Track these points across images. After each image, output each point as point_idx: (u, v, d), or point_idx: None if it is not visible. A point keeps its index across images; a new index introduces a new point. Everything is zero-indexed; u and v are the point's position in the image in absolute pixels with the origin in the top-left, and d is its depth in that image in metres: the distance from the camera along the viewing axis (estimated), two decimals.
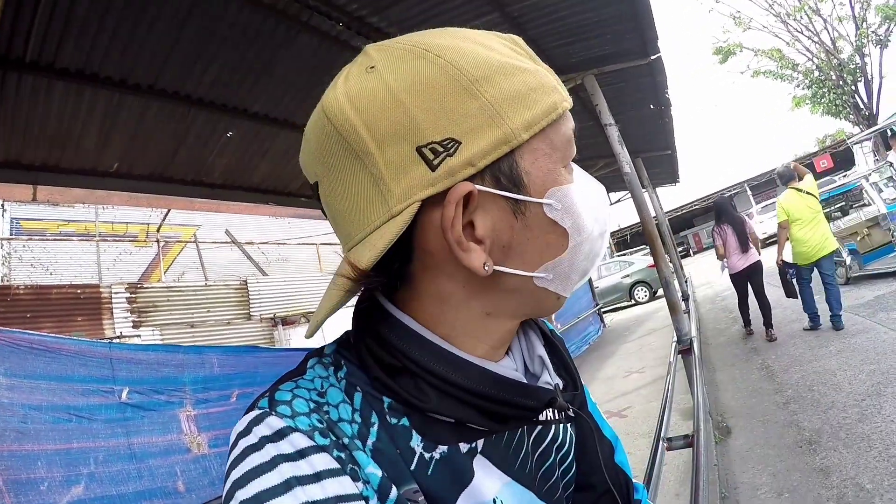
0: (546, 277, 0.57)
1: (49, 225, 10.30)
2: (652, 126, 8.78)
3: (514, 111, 0.51)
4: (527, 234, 0.55)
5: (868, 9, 13.55)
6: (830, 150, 37.67)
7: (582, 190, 0.59)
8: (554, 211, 0.55)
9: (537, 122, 0.53)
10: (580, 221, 0.57)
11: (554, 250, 0.57)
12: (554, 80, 0.58)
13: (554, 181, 0.56)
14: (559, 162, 0.56)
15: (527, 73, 0.55)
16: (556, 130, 0.56)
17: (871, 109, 14.12)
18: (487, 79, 0.51)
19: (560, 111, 0.56)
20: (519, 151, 0.53)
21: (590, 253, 0.60)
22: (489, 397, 0.56)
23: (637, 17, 4.42)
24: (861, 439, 3.59)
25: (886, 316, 5.89)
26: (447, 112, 0.50)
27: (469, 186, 0.51)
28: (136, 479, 2.97)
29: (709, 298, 13.81)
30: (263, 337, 10.87)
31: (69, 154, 3.94)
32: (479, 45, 0.54)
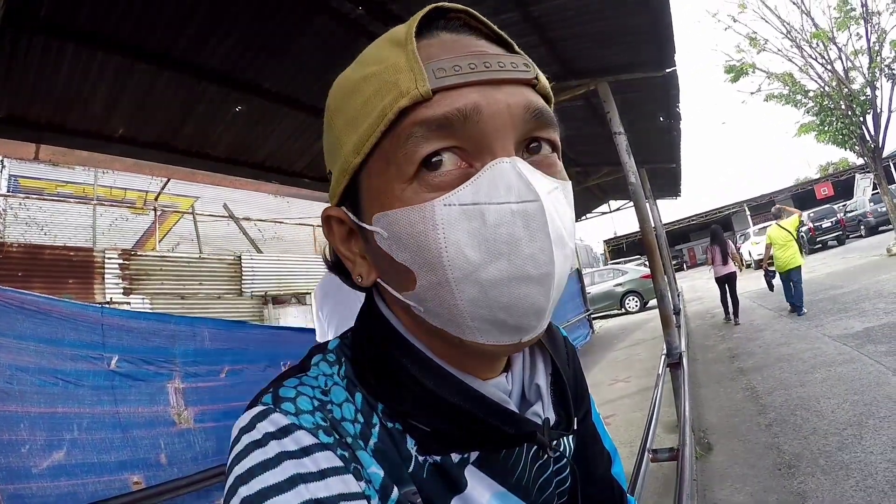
0: (418, 307, 0.53)
1: (47, 185, 10.25)
2: (659, 138, 8.79)
3: (348, 136, 0.53)
4: (378, 259, 0.55)
5: (884, 42, 13.56)
6: (832, 179, 37.96)
7: (451, 212, 0.47)
8: (382, 240, 0.51)
9: (365, 140, 0.51)
10: (429, 256, 0.48)
11: (404, 283, 0.52)
12: (402, 69, 0.49)
13: (381, 205, 0.51)
14: (395, 178, 0.49)
15: (369, 83, 0.51)
16: (392, 139, 0.49)
17: (877, 142, 14.15)
18: (339, 108, 0.55)
19: (391, 116, 0.48)
20: (360, 175, 0.53)
21: (487, 301, 0.48)
22: (462, 411, 0.54)
23: (657, 29, 4.41)
24: (840, 467, 3.61)
25: (874, 348, 5.91)
26: (327, 147, 0.59)
27: (329, 210, 0.59)
28: (119, 448, 2.94)
29: (699, 314, 13.87)
30: (253, 314, 10.88)
31: (75, 115, 3.90)
32: (356, 65, 0.56)
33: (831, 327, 7.61)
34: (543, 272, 0.49)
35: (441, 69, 0.48)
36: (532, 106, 0.52)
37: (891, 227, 15.70)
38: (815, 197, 35.83)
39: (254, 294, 11.01)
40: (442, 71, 0.48)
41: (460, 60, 0.49)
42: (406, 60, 0.49)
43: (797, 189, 40.14)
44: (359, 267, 0.59)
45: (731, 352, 8.23)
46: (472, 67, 0.49)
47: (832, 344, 6.72)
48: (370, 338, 0.59)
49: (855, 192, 25.10)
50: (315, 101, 4.51)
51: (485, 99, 0.49)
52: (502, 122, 0.49)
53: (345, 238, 0.59)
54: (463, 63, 0.49)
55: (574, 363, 0.76)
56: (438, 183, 0.48)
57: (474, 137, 0.49)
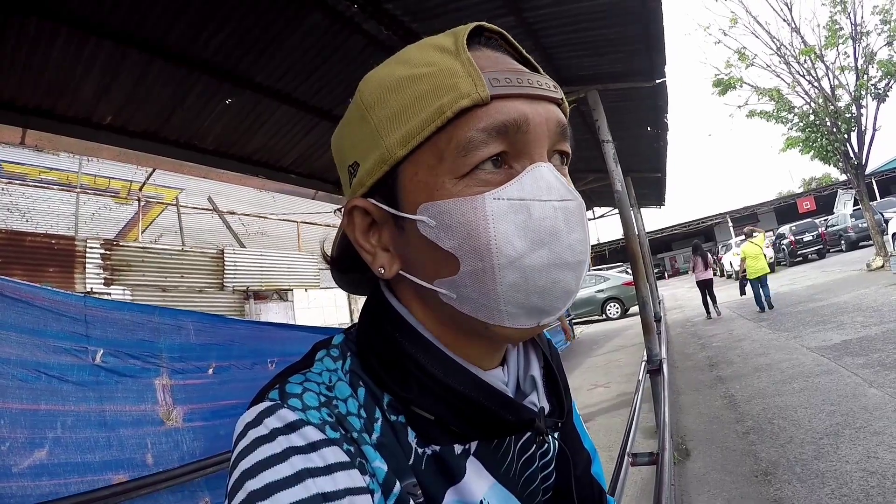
0: (449, 295, 0.55)
1: (31, 171, 10.08)
2: (646, 147, 8.87)
3: (392, 129, 0.55)
4: (412, 249, 0.57)
5: (871, 62, 13.77)
6: (815, 193, 38.48)
7: (500, 205, 0.52)
8: (427, 228, 0.54)
9: (415, 133, 0.53)
10: (478, 243, 0.52)
11: (445, 269, 0.55)
12: (461, 75, 0.53)
13: (430, 195, 0.54)
14: (448, 173, 0.53)
15: (421, 81, 0.54)
16: (446, 137, 0.53)
17: (860, 159, 14.36)
18: (379, 101, 0.56)
19: (448, 114, 0.52)
20: (401, 167, 0.56)
21: (526, 286, 0.53)
22: (466, 398, 0.56)
23: (648, 39, 4.46)
24: (815, 476, 3.66)
25: (851, 361, 6.00)
26: (354, 140, 0.59)
27: (357, 201, 0.59)
28: (104, 447, 2.87)
29: (679, 322, 13.99)
30: (234, 309, 10.79)
31: (64, 102, 3.86)
32: (398, 64, 0.58)
33: (810, 339, 7.72)
34: (579, 259, 0.56)
35: (496, 79, 0.53)
36: (562, 122, 0.58)
37: (871, 242, 15.94)
38: (797, 210, 36.29)
39: (235, 288, 10.93)
40: (497, 80, 0.53)
41: (510, 74, 0.54)
42: (462, 66, 0.53)
43: (780, 202, 40.64)
44: (380, 259, 0.60)
45: (711, 360, 8.32)
46: (519, 81, 0.54)
47: (810, 355, 6.81)
48: (378, 328, 0.60)
49: (836, 207, 25.45)
50: (306, 98, 4.50)
51: (531, 111, 0.54)
52: (542, 132, 0.55)
53: (365, 230, 0.61)
54: (512, 76, 0.54)
55: (557, 359, 0.78)
56: (487, 179, 0.53)
57: (519, 143, 0.54)
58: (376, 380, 0.58)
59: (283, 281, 12.14)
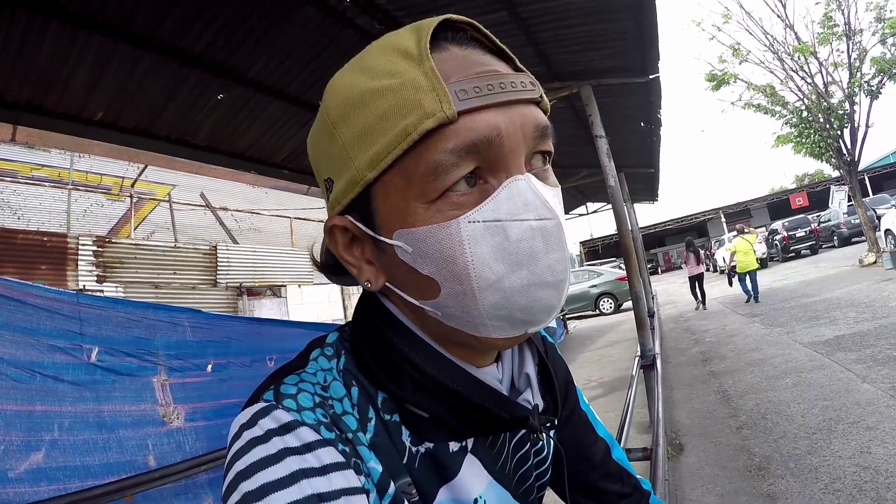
0: (436, 313, 0.55)
1: (22, 167, 10.00)
2: (639, 143, 8.87)
3: (360, 149, 0.52)
4: (395, 269, 0.56)
5: (864, 59, 13.82)
6: (808, 189, 38.64)
7: (474, 229, 0.50)
8: (405, 254, 0.53)
9: (382, 156, 0.50)
10: (456, 268, 0.50)
11: (427, 292, 0.54)
12: (425, 90, 0.49)
13: (402, 221, 0.52)
14: (417, 197, 0.51)
15: (384, 97, 0.51)
16: (414, 159, 0.50)
17: (853, 156, 14.42)
18: (344, 118, 0.54)
19: (414, 136, 0.49)
20: (373, 189, 0.54)
21: (507, 305, 0.52)
22: (460, 396, 0.56)
23: (642, 34, 4.45)
24: (809, 471, 3.67)
25: (844, 356, 6.03)
26: (325, 155, 0.58)
27: (336, 220, 0.58)
28: (103, 449, 2.80)
29: (672, 318, 14.03)
30: (228, 305, 10.77)
31: (54, 97, 3.83)
32: (359, 72, 0.55)
33: (802, 334, 7.75)
34: (559, 279, 0.54)
35: (463, 90, 0.49)
36: (540, 124, 0.54)
37: (863, 238, 16.02)
38: (789, 206, 36.44)
39: (229, 285, 10.90)
40: (464, 93, 0.49)
41: (479, 81, 0.50)
42: (426, 79, 0.50)
43: (773, 198, 40.79)
44: (366, 273, 0.59)
45: (704, 355, 8.34)
46: (489, 89, 0.50)
47: (803, 350, 6.84)
48: (372, 327, 0.60)
49: (830, 203, 25.54)
50: (298, 93, 4.48)
51: (504, 121, 0.51)
52: (517, 141, 0.52)
53: (348, 245, 0.59)
54: (481, 84, 0.50)
55: (553, 356, 0.77)
56: (461, 202, 0.50)
57: (493, 157, 0.51)
58: (371, 378, 0.58)
59: (277, 277, 12.11)
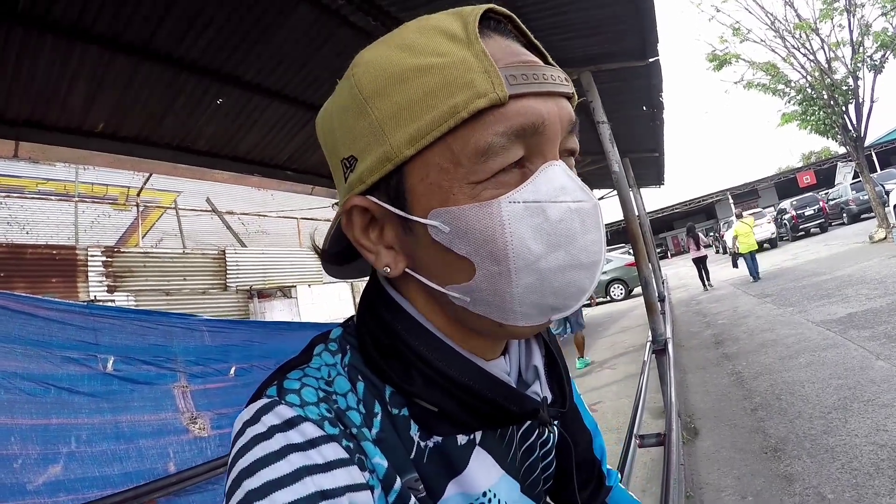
0: (462, 299, 0.54)
1: (28, 182, 10.08)
2: (642, 127, 8.82)
3: (399, 125, 0.51)
4: (422, 252, 0.55)
5: (867, 34, 13.67)
6: (815, 167, 38.36)
7: (516, 209, 0.50)
8: (440, 234, 0.51)
9: (425, 133, 0.49)
10: (494, 248, 0.50)
11: (458, 275, 0.53)
12: (476, 70, 0.49)
13: (442, 200, 0.51)
14: (463, 177, 0.50)
15: (431, 75, 0.50)
16: (461, 139, 0.49)
17: (858, 132, 14.28)
18: (381, 93, 0.52)
19: (464, 115, 0.48)
20: (408, 167, 0.52)
21: (542, 288, 0.52)
22: (471, 390, 0.55)
23: (640, 18, 4.42)
24: (825, 450, 3.65)
25: (857, 334, 5.99)
26: (350, 131, 0.55)
27: (357, 200, 0.56)
28: (123, 459, 2.80)
29: (683, 301, 13.99)
30: (238, 309, 10.82)
31: (54, 111, 3.85)
32: (398, 49, 0.53)
33: (815, 313, 7.70)
34: (594, 260, 0.54)
35: (513, 76, 0.50)
36: (573, 119, 0.55)
37: (872, 214, 15.90)
38: (797, 185, 36.20)
39: (239, 288, 10.95)
40: (513, 78, 0.49)
41: (525, 69, 0.51)
42: (477, 60, 0.49)
43: (780, 177, 40.53)
44: (384, 257, 0.57)
45: (716, 338, 8.32)
46: (535, 78, 0.51)
47: (816, 329, 6.80)
48: (379, 321, 0.59)
49: (837, 179, 25.35)
50: (297, 93, 4.48)
51: (547, 110, 0.51)
52: (555, 131, 0.53)
53: (364, 228, 0.58)
54: (528, 73, 0.51)
55: (556, 346, 0.77)
56: (503, 181, 0.51)
57: (534, 144, 0.51)
58: (378, 373, 0.57)
59: (286, 278, 12.15)
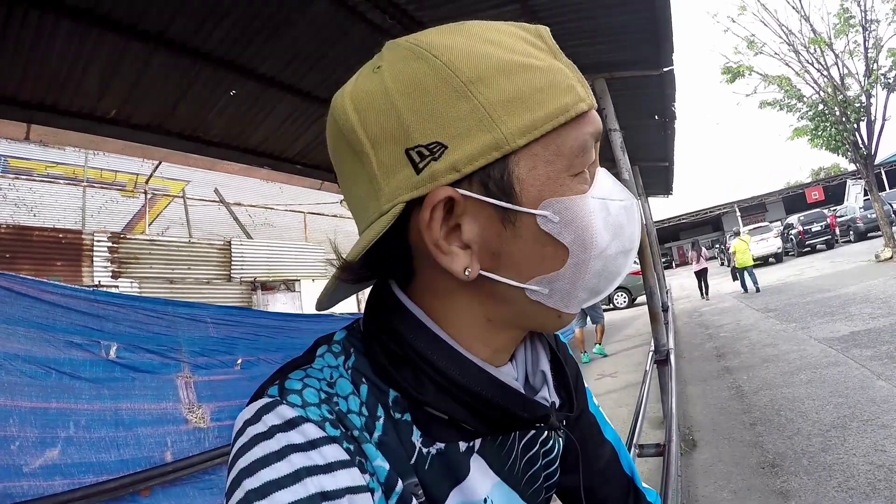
0: (541, 291, 0.55)
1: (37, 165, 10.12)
2: (653, 136, 8.80)
3: (511, 114, 0.50)
4: (518, 245, 0.53)
5: (881, 51, 13.62)
6: (823, 183, 38.24)
7: (595, 203, 0.54)
8: (549, 224, 0.52)
9: (538, 126, 0.50)
10: (587, 237, 0.53)
11: (550, 264, 0.54)
12: (573, 79, 0.54)
13: (553, 191, 0.52)
14: (565, 170, 0.53)
15: (535, 73, 0.51)
16: (565, 135, 0.52)
17: (869, 150, 14.23)
18: (484, 79, 0.50)
19: (572, 114, 0.52)
20: (514, 157, 0.51)
21: (603, 272, 0.56)
22: (483, 398, 0.55)
23: (656, 27, 4.40)
24: (823, 468, 3.64)
25: (859, 353, 5.97)
26: (436, 115, 0.50)
27: (448, 192, 0.51)
28: (120, 446, 2.81)
29: (686, 312, 13.98)
30: (242, 300, 10.82)
31: (67, 96, 3.86)
32: (487, 43, 0.52)
33: (818, 330, 7.68)
34: (635, 247, 0.60)
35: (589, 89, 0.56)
36: (602, 131, 0.59)
37: (880, 233, 15.84)
38: (805, 200, 36.07)
39: (243, 280, 10.95)
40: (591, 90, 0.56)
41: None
42: (571, 71, 0.55)
43: (788, 192, 40.41)
44: (462, 259, 0.53)
45: (718, 350, 8.30)
46: (590, 94, 0.56)
47: (818, 346, 6.78)
48: (389, 330, 0.58)
49: (846, 197, 25.26)
50: (311, 88, 4.48)
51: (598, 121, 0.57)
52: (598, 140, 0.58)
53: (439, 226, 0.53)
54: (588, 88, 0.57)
55: (564, 353, 0.77)
56: (585, 178, 0.55)
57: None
58: (385, 378, 0.57)
59: (291, 271, 12.14)
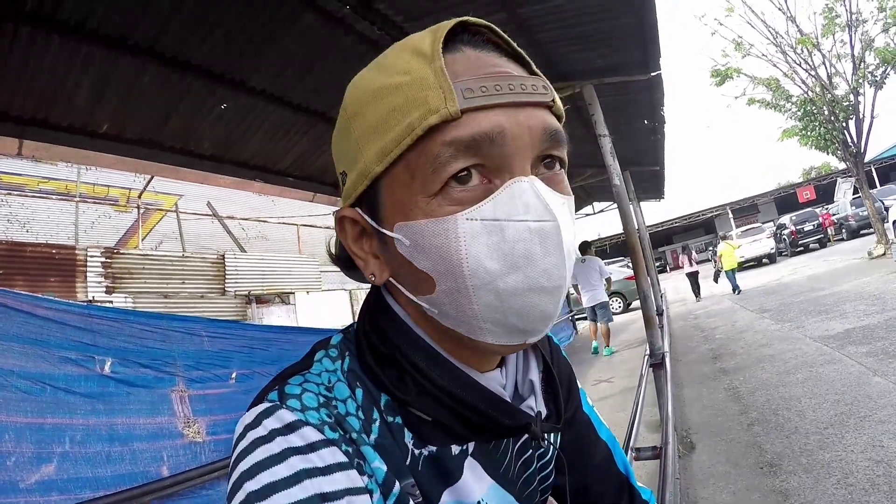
0: (432, 310, 0.55)
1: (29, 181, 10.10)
2: (643, 141, 8.85)
3: (370, 143, 0.53)
4: (395, 264, 0.57)
5: (868, 49, 13.73)
6: (815, 183, 38.45)
7: (471, 226, 0.50)
8: (403, 247, 0.53)
9: (389, 151, 0.52)
10: (450, 265, 0.50)
11: (424, 287, 0.54)
12: (432, 87, 0.50)
13: (404, 214, 0.52)
14: (419, 191, 0.51)
15: (397, 93, 0.52)
16: (417, 154, 0.51)
17: (858, 147, 14.31)
18: (359, 114, 0.55)
19: (418, 132, 0.49)
20: (381, 183, 0.54)
21: (503, 307, 0.51)
22: (463, 401, 0.56)
23: (642, 32, 4.44)
24: (821, 466, 3.65)
25: (855, 349, 5.98)
26: (341, 148, 0.59)
27: (346, 211, 0.59)
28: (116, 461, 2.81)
29: (681, 315, 13.99)
30: (237, 314, 10.81)
31: (58, 111, 3.86)
32: (376, 69, 0.57)
33: (812, 328, 7.70)
34: (556, 285, 0.52)
35: (469, 89, 0.50)
36: (549, 128, 0.54)
37: (872, 230, 15.92)
38: (797, 200, 36.26)
39: (237, 293, 10.94)
40: (470, 91, 0.50)
41: (486, 81, 0.51)
42: (434, 77, 0.50)
43: (780, 192, 40.62)
44: (371, 266, 0.60)
45: (714, 352, 8.30)
46: (497, 89, 0.51)
47: (813, 345, 6.79)
48: (377, 330, 0.60)
49: (836, 195, 25.40)
50: (300, 100, 4.49)
51: (508, 121, 0.51)
52: (523, 143, 0.52)
53: (357, 237, 0.61)
54: (489, 84, 0.51)
55: (558, 359, 0.77)
56: (461, 197, 0.50)
57: (496, 157, 0.51)
58: (374, 380, 0.58)
59: (285, 284, 12.15)
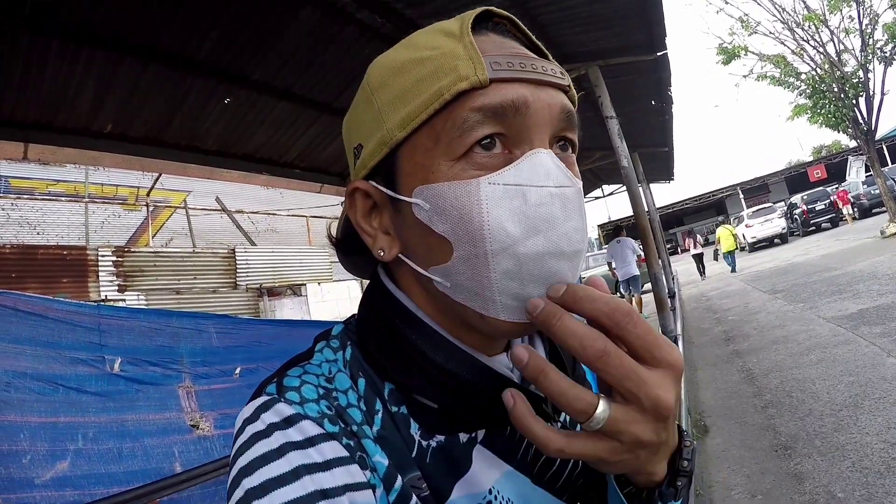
0: (444, 283, 0.54)
1: (38, 184, 10.13)
2: (651, 122, 8.78)
3: (394, 110, 0.54)
4: (409, 233, 0.56)
5: (876, 25, 13.51)
6: (825, 161, 38.05)
7: (494, 190, 0.50)
8: (422, 211, 0.53)
9: (414, 116, 0.53)
10: (471, 228, 0.50)
11: (437, 255, 0.53)
12: (462, 58, 0.52)
13: (425, 178, 0.52)
14: (443, 155, 0.52)
15: (424, 64, 0.53)
16: (444, 119, 0.51)
17: (869, 125, 14.12)
18: (383, 84, 0.56)
19: (447, 97, 0.51)
20: (401, 149, 0.55)
21: (520, 274, 0.50)
22: (472, 385, 0.55)
23: (647, 12, 4.39)
24: (836, 448, 3.63)
25: (868, 330, 5.93)
26: (359, 122, 0.60)
27: (358, 183, 0.59)
28: (128, 458, 2.83)
29: (693, 297, 13.94)
30: (249, 307, 10.84)
31: (63, 113, 3.88)
32: (402, 48, 0.58)
33: (826, 309, 7.64)
34: (576, 249, 0.53)
35: (497, 62, 0.52)
36: (566, 108, 0.56)
37: (884, 209, 15.75)
38: (808, 179, 35.90)
39: (249, 287, 10.97)
40: (497, 64, 0.52)
41: (512, 58, 0.53)
42: (465, 50, 0.52)
43: (790, 171, 40.22)
44: (380, 241, 0.59)
45: (727, 334, 8.27)
46: (521, 66, 0.53)
47: (827, 326, 6.75)
48: (378, 315, 0.60)
49: (848, 174, 25.12)
50: (304, 91, 4.49)
51: (532, 95, 0.52)
52: (543, 118, 0.53)
53: (367, 212, 0.60)
54: (514, 61, 0.53)
55: None
56: (484, 162, 0.51)
57: (518, 127, 0.52)
58: (377, 369, 0.57)
59: (296, 276, 12.16)
